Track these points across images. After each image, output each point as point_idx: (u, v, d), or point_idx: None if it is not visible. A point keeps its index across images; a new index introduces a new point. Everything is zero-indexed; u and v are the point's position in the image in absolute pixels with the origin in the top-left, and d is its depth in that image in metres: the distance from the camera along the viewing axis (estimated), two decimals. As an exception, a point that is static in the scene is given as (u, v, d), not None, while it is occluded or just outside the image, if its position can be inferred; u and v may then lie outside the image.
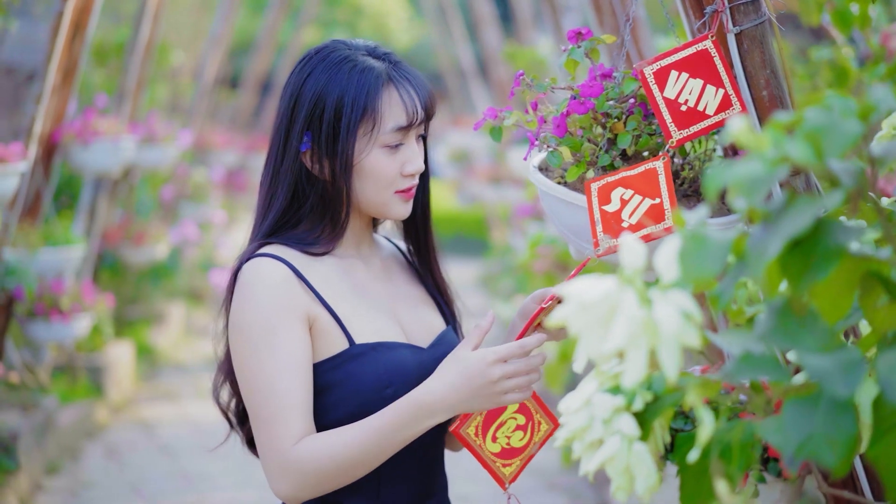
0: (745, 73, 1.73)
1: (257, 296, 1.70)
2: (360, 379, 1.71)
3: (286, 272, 1.72)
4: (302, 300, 1.71)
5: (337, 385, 1.72)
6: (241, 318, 1.71)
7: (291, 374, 1.67)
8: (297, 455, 1.65)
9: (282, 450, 1.66)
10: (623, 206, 1.62)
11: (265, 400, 1.67)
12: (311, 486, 1.66)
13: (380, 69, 1.76)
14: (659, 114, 1.66)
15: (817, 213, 0.97)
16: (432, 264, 1.95)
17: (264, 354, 1.68)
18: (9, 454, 4.84)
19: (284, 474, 1.66)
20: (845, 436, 0.97)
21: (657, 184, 1.60)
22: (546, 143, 1.79)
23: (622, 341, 1.02)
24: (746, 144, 0.96)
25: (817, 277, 0.96)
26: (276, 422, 1.66)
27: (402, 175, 1.77)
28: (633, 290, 1.03)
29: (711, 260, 1.02)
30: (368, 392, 1.71)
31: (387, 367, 1.73)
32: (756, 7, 1.73)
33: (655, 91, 1.69)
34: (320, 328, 1.73)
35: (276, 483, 1.68)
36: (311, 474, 1.65)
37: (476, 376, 1.64)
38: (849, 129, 0.96)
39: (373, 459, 1.66)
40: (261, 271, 1.71)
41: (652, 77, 1.69)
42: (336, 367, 1.72)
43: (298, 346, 1.69)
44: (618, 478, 1.21)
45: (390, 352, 1.75)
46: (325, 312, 1.73)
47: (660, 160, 1.64)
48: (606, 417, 1.22)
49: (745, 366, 1.05)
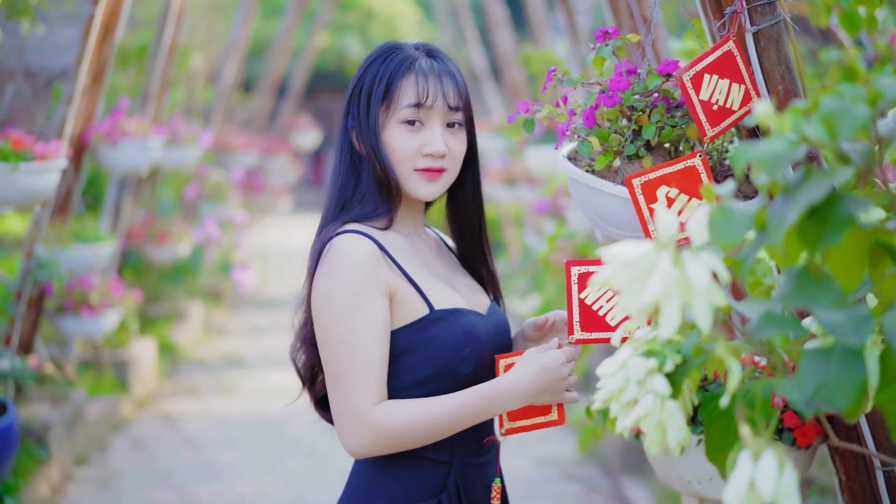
0: (762, 69, 1.86)
1: (346, 270, 1.85)
2: (441, 341, 1.89)
3: (372, 248, 1.88)
4: (385, 274, 1.88)
5: (419, 347, 1.89)
6: (330, 290, 1.86)
7: (372, 344, 1.84)
8: (376, 417, 1.82)
9: (361, 411, 1.82)
10: (670, 205, 1.75)
11: (347, 366, 1.83)
12: (384, 445, 1.84)
13: (411, 57, 1.96)
14: (695, 115, 1.80)
15: (830, 187, 1.10)
16: (485, 256, 2.13)
17: (349, 324, 1.84)
18: (41, 444, 4.99)
19: (360, 432, 1.83)
20: (856, 381, 1.11)
21: (700, 181, 1.73)
22: (576, 133, 1.92)
23: (658, 294, 1.15)
24: (770, 126, 1.09)
25: (831, 242, 1.09)
26: (357, 386, 1.83)
27: (422, 154, 1.93)
28: (667, 252, 1.17)
29: (737, 227, 1.15)
30: (448, 352, 1.89)
31: (464, 330, 1.91)
32: (772, 8, 1.87)
33: (692, 95, 1.82)
34: (402, 297, 1.89)
35: (349, 439, 1.84)
36: (386, 434, 1.83)
37: (552, 371, 1.87)
38: (859, 113, 1.10)
39: (447, 431, 1.86)
40: (349, 247, 1.87)
41: (689, 83, 1.82)
42: (418, 331, 1.89)
43: (380, 317, 1.85)
44: (651, 433, 1.35)
45: (464, 317, 1.93)
46: (406, 283, 1.90)
47: (696, 157, 1.77)
48: (640, 378, 1.36)
49: (766, 324, 1.18)
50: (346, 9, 19.47)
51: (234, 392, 7.20)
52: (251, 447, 5.96)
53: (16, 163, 3.87)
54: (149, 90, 6.57)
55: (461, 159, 2.00)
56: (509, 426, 2.00)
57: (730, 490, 1.12)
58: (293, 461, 5.65)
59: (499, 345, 1.99)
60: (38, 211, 4.89)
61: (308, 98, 18.33)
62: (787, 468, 1.12)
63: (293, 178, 12.55)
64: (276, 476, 5.45)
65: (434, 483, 1.93)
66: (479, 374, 1.92)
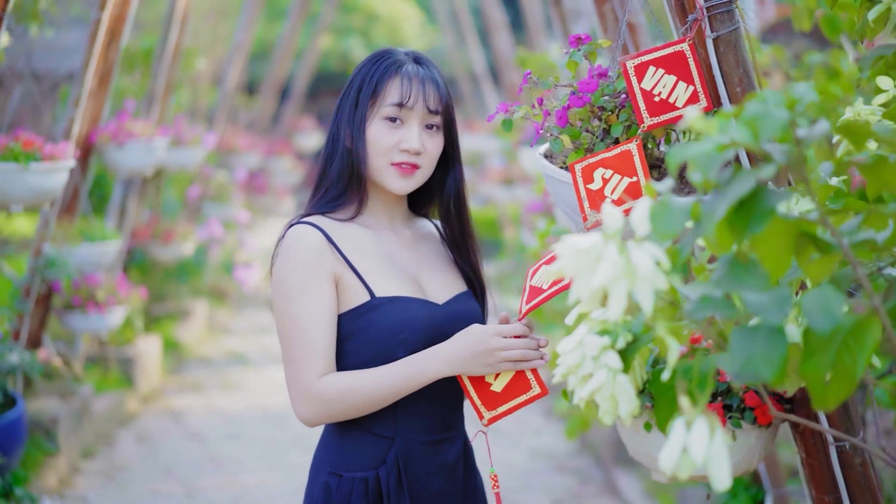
0: (722, 72, 2.01)
1: (294, 256, 2.07)
2: (379, 326, 2.07)
3: (319, 237, 2.08)
4: (331, 262, 2.08)
5: (359, 332, 2.08)
6: (281, 274, 2.07)
7: (319, 322, 2.04)
8: (321, 388, 2.03)
9: (308, 383, 2.03)
10: (605, 185, 1.90)
11: (297, 342, 2.04)
12: (329, 414, 2.05)
13: (400, 61, 2.14)
14: (635, 101, 1.95)
15: (754, 183, 1.24)
16: (469, 251, 2.28)
17: (297, 304, 2.04)
18: (49, 437, 5.15)
19: (308, 402, 2.04)
20: (778, 355, 1.25)
21: (633, 164, 1.88)
22: (549, 132, 2.07)
23: (606, 280, 1.29)
24: (699, 129, 1.24)
25: (755, 231, 1.23)
26: (305, 360, 2.03)
27: (399, 150, 2.11)
28: (614, 242, 1.31)
29: (675, 220, 1.29)
30: (385, 337, 2.07)
31: (401, 317, 2.08)
32: (731, 16, 2.01)
33: (634, 82, 1.97)
34: (345, 284, 2.09)
35: (299, 409, 2.05)
36: (331, 403, 2.03)
37: (478, 343, 2.03)
38: (779, 116, 1.24)
39: (386, 396, 2.04)
40: (299, 236, 2.08)
41: (632, 70, 1.97)
42: (358, 316, 2.08)
43: (326, 299, 2.06)
44: (604, 403, 1.49)
45: (405, 304, 2.09)
46: (350, 271, 2.09)
47: (633, 143, 1.92)
48: (595, 355, 1.50)
49: (702, 305, 1.32)
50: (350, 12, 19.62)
51: (237, 388, 7.35)
52: (254, 441, 6.11)
53: (25, 163, 4.03)
54: (154, 92, 6.72)
55: (436, 159, 2.17)
56: (490, 415, 2.10)
57: (664, 455, 1.26)
58: (295, 454, 5.80)
59: (454, 330, 2.11)
60: (47, 210, 5.04)
61: (311, 100, 18.48)
62: (718, 434, 1.26)
63: (296, 180, 12.70)
64: (278, 469, 5.60)
65: (375, 456, 2.10)
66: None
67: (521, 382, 2.07)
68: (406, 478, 2.10)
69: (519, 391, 2.08)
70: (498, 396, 2.10)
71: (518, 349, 2.04)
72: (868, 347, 1.28)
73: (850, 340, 1.30)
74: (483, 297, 2.27)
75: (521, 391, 2.08)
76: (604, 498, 5.19)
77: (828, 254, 1.37)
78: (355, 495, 2.08)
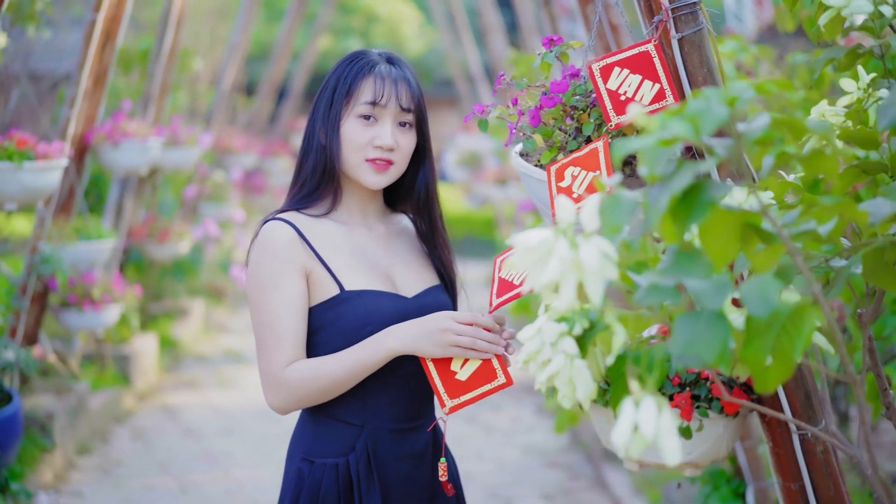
0: (686, 72, 2.07)
1: (266, 251, 2.15)
2: (347, 318, 2.14)
3: (291, 233, 2.16)
4: (302, 257, 2.15)
5: (329, 324, 2.15)
6: (254, 269, 2.16)
7: (288, 313, 2.12)
8: (288, 375, 2.10)
9: (277, 371, 2.11)
10: (573, 181, 1.97)
11: (267, 332, 2.12)
12: (297, 400, 2.13)
13: (373, 62, 2.22)
14: (601, 101, 2.02)
15: (694, 176, 1.31)
16: (439, 245, 2.35)
17: (269, 297, 2.12)
18: (45, 433, 5.22)
19: (277, 390, 2.12)
20: (718, 338, 1.31)
21: (598, 160, 1.95)
22: (523, 131, 2.14)
23: (556, 274, 1.36)
24: (641, 125, 1.31)
25: (695, 222, 1.30)
26: (274, 349, 2.11)
27: (373, 146, 2.19)
28: (565, 237, 1.38)
29: (623, 213, 1.36)
30: (353, 328, 2.14)
31: (368, 310, 2.15)
32: (695, 17, 2.08)
33: (600, 83, 2.04)
34: (316, 278, 2.16)
35: (268, 396, 2.13)
36: (297, 389, 2.11)
37: (429, 321, 2.09)
38: (718, 112, 1.31)
39: (346, 379, 2.11)
40: (272, 232, 2.16)
41: (598, 71, 2.04)
42: (329, 308, 2.16)
43: (296, 292, 2.14)
44: (563, 387, 1.56)
45: (373, 297, 2.17)
46: (321, 266, 2.17)
47: (600, 141, 1.99)
48: (553, 341, 1.56)
49: (650, 293, 1.39)
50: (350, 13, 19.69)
51: (233, 385, 7.42)
52: (248, 436, 6.18)
53: (19, 162, 4.10)
54: (150, 93, 6.79)
55: (409, 155, 2.24)
56: (452, 403, 2.10)
57: (616, 433, 1.33)
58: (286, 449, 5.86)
59: None
60: (42, 209, 5.11)
61: (308, 100, 18.52)
62: (665, 411, 1.33)
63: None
64: (270, 463, 5.67)
65: (345, 443, 2.18)
66: None
67: (487, 371, 2.09)
68: (375, 464, 2.17)
69: (483, 380, 2.10)
70: (462, 385, 2.11)
71: (468, 336, 2.07)
72: (806, 333, 1.35)
73: (790, 326, 1.36)
74: (454, 290, 2.34)
75: (486, 380, 2.10)
76: (593, 492, 5.26)
77: (772, 245, 1.44)
78: (326, 481, 2.16)
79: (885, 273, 1.60)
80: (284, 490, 2.24)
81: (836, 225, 1.51)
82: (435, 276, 2.31)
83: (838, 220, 1.51)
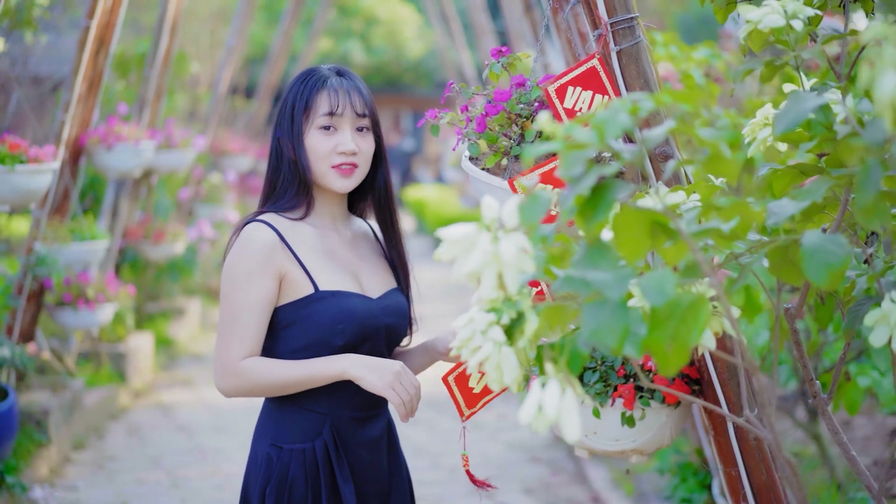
0: (625, 82, 2.22)
1: (245, 251, 2.29)
2: (321, 316, 2.30)
3: (272, 236, 2.30)
4: (280, 259, 2.29)
5: (303, 320, 2.30)
6: (231, 263, 2.30)
7: (254, 311, 2.27)
8: (242, 367, 2.26)
9: (233, 361, 2.27)
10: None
11: (231, 324, 2.27)
12: (245, 391, 2.29)
13: (325, 76, 2.38)
14: (560, 121, 2.16)
15: (598, 177, 1.45)
16: (396, 241, 2.50)
17: (240, 293, 2.27)
18: (41, 429, 5.37)
19: (229, 378, 2.27)
20: (621, 326, 1.45)
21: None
22: (468, 136, 2.28)
23: (478, 266, 1.50)
24: (548, 131, 1.45)
25: (599, 219, 1.44)
26: (236, 341, 2.26)
27: (336, 153, 2.34)
28: (487, 232, 1.52)
29: (539, 210, 1.50)
30: (325, 326, 2.29)
31: (340, 309, 2.31)
32: (632, 31, 2.22)
33: (557, 104, 2.18)
34: (292, 278, 2.30)
35: (218, 380, 2.29)
36: (247, 382, 2.27)
37: (388, 363, 2.27)
38: (622, 120, 1.45)
39: (293, 387, 2.28)
40: (252, 233, 2.30)
41: (554, 93, 2.18)
42: (303, 306, 2.30)
43: (265, 293, 2.28)
44: (491, 373, 1.70)
45: (345, 298, 2.32)
46: (298, 266, 2.31)
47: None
48: (483, 329, 1.70)
49: (565, 283, 1.53)
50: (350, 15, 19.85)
51: (227, 384, 7.55)
52: (240, 433, 6.32)
53: (11, 165, 4.26)
54: (145, 97, 6.94)
55: (370, 157, 2.40)
56: (469, 412, 2.47)
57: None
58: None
59: (385, 323, 2.38)
60: (37, 211, 5.26)
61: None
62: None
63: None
64: (260, 458, 5.80)
65: (311, 429, 2.34)
66: (352, 346, 2.31)
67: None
68: (342, 448, 2.34)
69: (490, 389, 2.40)
70: (476, 396, 2.46)
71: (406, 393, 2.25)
72: (700, 323, 1.49)
73: (688, 316, 1.50)
74: (407, 283, 2.49)
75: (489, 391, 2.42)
76: (573, 486, 5.40)
77: (678, 242, 1.58)
78: (294, 465, 2.31)
79: (789, 268, 1.74)
80: (252, 475, 2.38)
81: (739, 224, 1.64)
82: (393, 278, 2.48)
83: (741, 219, 1.64)
